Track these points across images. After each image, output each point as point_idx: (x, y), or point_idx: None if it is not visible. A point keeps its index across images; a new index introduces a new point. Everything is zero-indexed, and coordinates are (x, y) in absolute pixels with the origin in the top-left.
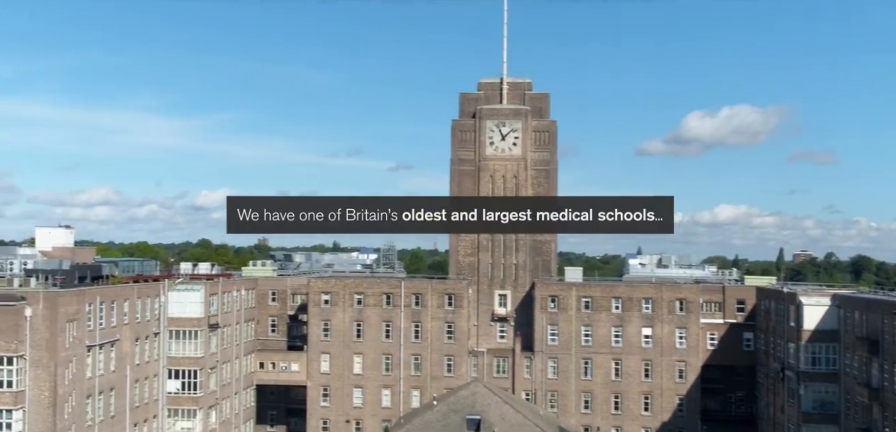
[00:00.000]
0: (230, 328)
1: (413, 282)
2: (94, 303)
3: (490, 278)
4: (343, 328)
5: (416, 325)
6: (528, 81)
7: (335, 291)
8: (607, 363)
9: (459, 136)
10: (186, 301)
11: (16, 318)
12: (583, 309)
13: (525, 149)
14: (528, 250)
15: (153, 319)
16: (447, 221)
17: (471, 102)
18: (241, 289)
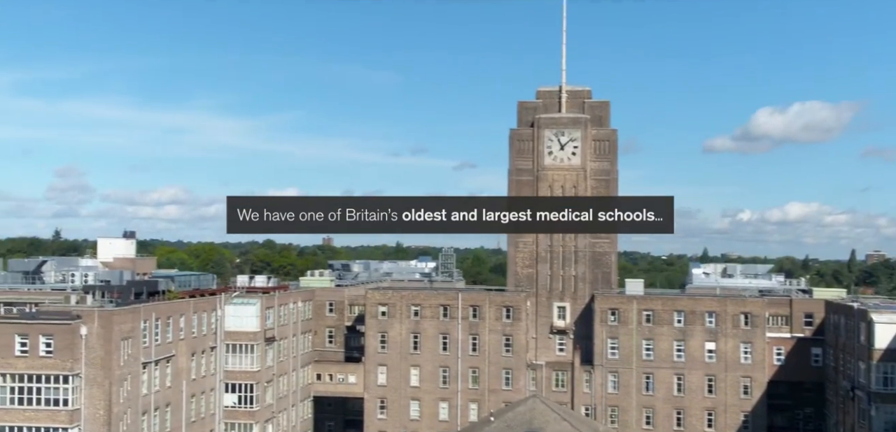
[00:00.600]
0: (287, 340)
1: (470, 294)
2: (149, 320)
3: (549, 290)
4: (400, 340)
5: (473, 338)
6: (587, 89)
7: (392, 303)
8: (669, 378)
9: (517, 146)
10: (243, 315)
11: (71, 337)
12: (644, 322)
13: (584, 159)
14: (588, 261)
15: (209, 333)
16: (447, 221)
17: (529, 111)
18: (297, 301)
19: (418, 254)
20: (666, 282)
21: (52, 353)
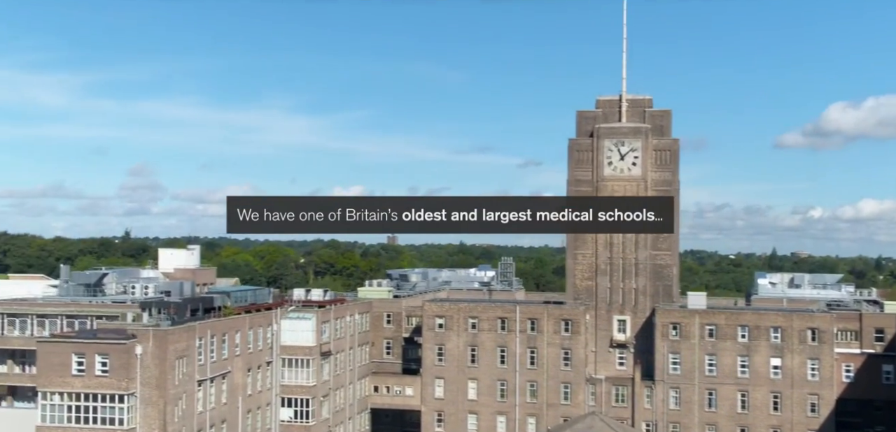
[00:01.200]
0: (343, 353)
1: (528, 307)
2: (204, 338)
3: (608, 303)
4: (457, 352)
5: (531, 351)
6: (648, 98)
7: (449, 315)
8: (733, 394)
9: (576, 156)
10: (298, 329)
11: (126, 357)
12: (707, 336)
13: (645, 170)
14: (648, 274)
15: (266, 348)
16: (447, 221)
17: (588, 120)
18: (354, 314)
19: (481, 253)
20: (732, 284)
21: (108, 373)
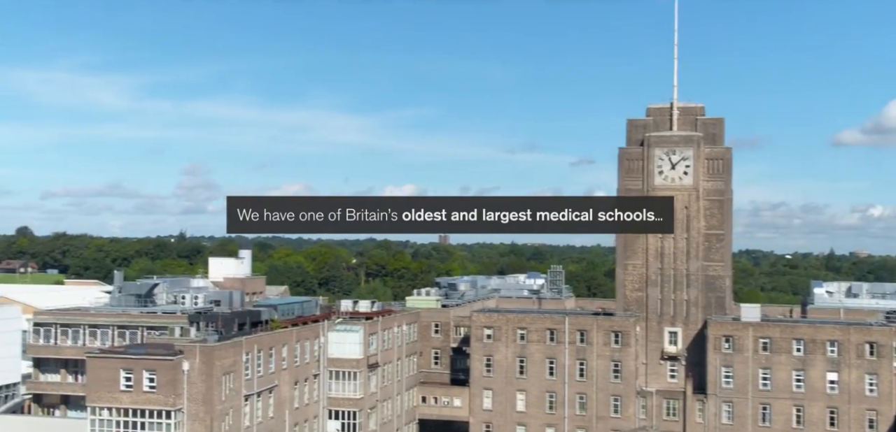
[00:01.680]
0: (391, 365)
1: (578, 318)
2: (251, 352)
3: (659, 314)
4: (506, 363)
5: (581, 363)
6: (700, 106)
7: (497, 326)
8: (787, 409)
9: (626, 165)
10: (346, 341)
11: (173, 373)
12: (760, 350)
13: (697, 179)
14: (701, 285)
15: (313, 361)
16: (447, 221)
17: (638, 129)
18: (401, 324)
19: (532, 253)
20: (788, 286)
21: (156, 388)
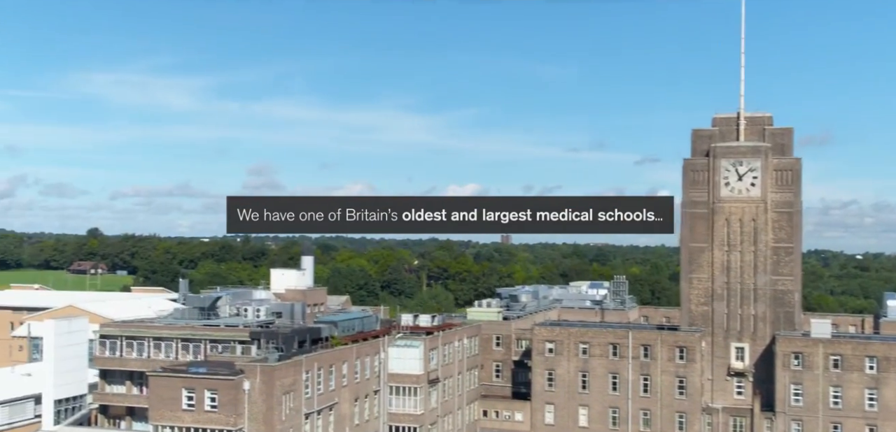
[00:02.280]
0: (452, 379)
1: (642, 332)
2: (311, 371)
3: (725, 329)
4: (568, 378)
5: (644, 378)
6: (768, 115)
7: (559, 340)
8: (860, 428)
9: (691, 176)
10: (406, 357)
11: (234, 392)
12: (831, 367)
13: (765, 190)
14: (769, 300)
15: (373, 377)
16: (447, 221)
17: (704, 139)
18: (462, 338)
19: (595, 254)
20: (859, 290)
21: (217, 408)
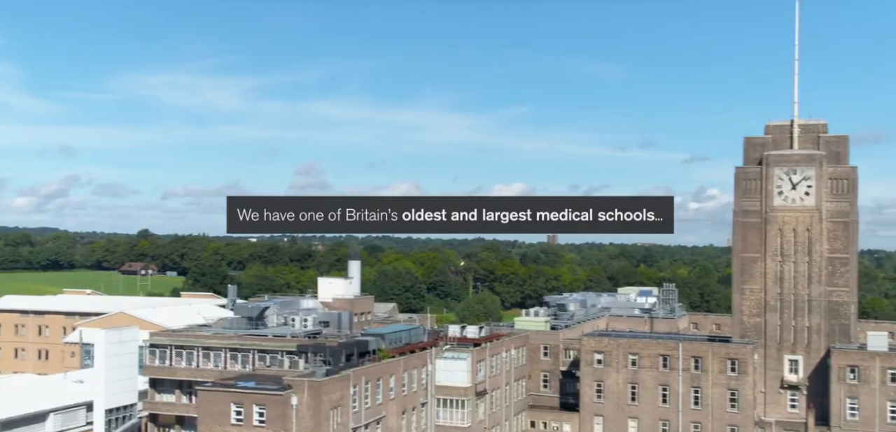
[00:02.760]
0: (499, 390)
1: (692, 344)
2: (358, 385)
3: (779, 341)
4: (617, 389)
5: (695, 391)
6: (822, 123)
7: (608, 351)
8: None
9: (743, 185)
10: (453, 369)
11: (282, 407)
12: (889, 382)
13: (819, 200)
14: (823, 312)
15: (420, 389)
16: (447, 221)
17: (756, 147)
18: (510, 349)
19: (643, 255)
20: None
21: (265, 423)
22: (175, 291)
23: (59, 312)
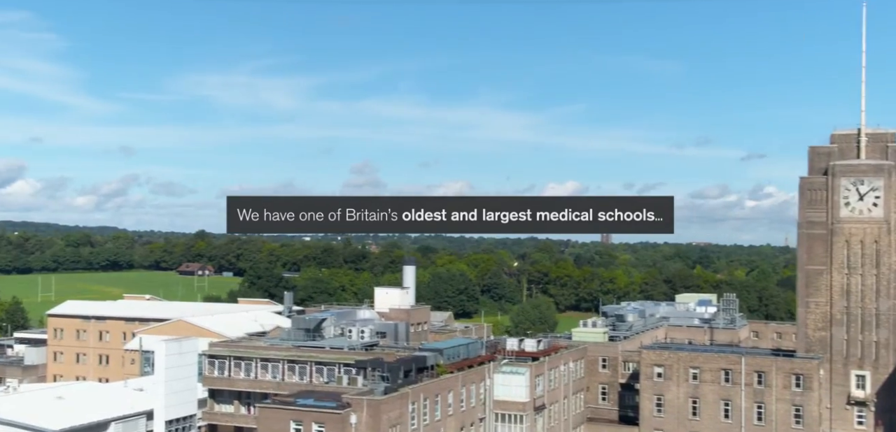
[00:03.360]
0: (557, 405)
1: (755, 358)
2: (417, 402)
3: (845, 356)
4: (677, 404)
5: (758, 406)
6: (890, 132)
7: (668, 364)
8: None
9: (808, 195)
10: (511, 384)
11: (341, 425)
12: None
13: (888, 211)
14: (892, 326)
15: (478, 405)
16: (447, 221)
17: (822, 157)
18: (568, 362)
19: (699, 255)
20: None
21: None
22: (232, 294)
23: (119, 318)
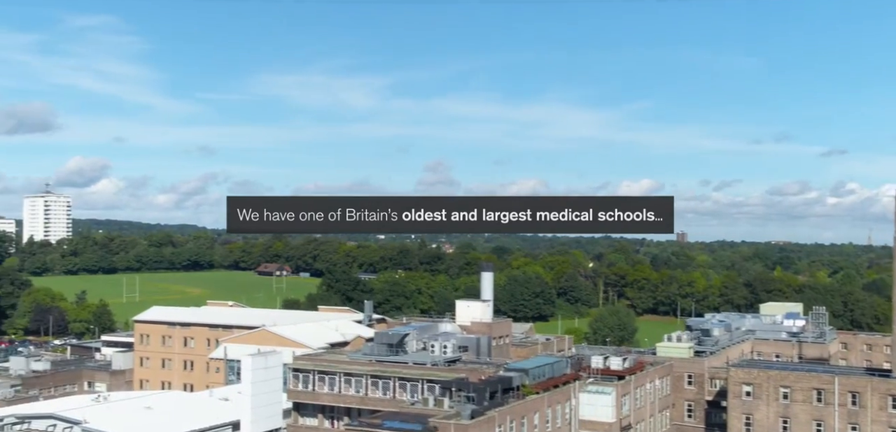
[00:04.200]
0: (643, 423)
1: (849, 378)
2: (503, 425)
3: None
4: (767, 423)
5: (852, 428)
6: None
7: (758, 383)
8: None
9: None
10: (597, 403)
11: None
12: None
13: None
14: None
15: (564, 425)
16: (447, 221)
17: None
18: (654, 380)
19: (778, 256)
20: None
21: None
22: (310, 297)
23: (203, 324)
